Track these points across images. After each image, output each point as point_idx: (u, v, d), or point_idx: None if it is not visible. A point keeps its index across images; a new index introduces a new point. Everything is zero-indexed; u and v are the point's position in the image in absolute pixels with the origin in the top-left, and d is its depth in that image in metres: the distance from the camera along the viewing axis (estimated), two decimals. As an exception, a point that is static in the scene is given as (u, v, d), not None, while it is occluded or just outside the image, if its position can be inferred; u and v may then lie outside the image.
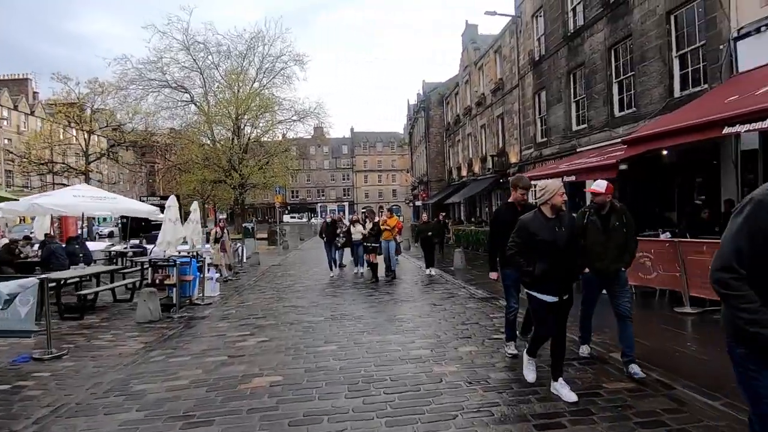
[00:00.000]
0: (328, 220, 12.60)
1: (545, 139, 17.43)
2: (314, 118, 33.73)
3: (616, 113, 13.16)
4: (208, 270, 10.06)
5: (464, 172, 28.89)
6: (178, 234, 10.35)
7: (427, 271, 11.70)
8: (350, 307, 7.69)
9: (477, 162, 26.14)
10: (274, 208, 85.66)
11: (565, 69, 15.65)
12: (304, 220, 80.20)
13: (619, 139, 12.61)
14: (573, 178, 10.81)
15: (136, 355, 5.38)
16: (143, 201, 21.89)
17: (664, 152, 10.82)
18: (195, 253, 10.12)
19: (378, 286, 9.79)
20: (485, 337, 5.50)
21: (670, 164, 11.14)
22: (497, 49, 22.51)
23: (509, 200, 4.86)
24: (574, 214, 4.29)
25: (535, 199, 4.04)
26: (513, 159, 20.41)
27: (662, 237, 8.01)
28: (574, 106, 15.52)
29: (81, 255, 9.55)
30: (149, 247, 14.54)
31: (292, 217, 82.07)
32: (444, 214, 20.30)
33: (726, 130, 6.22)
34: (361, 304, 7.94)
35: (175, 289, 7.95)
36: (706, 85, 9.95)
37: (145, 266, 9.83)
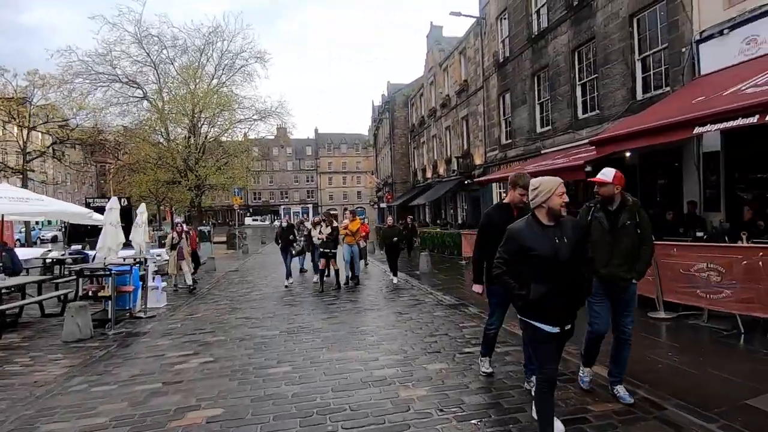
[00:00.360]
0: (284, 223, 11.61)
1: (510, 141, 17.38)
2: (276, 118, 32.61)
3: (580, 115, 13.17)
4: (153, 278, 9.16)
5: (429, 174, 28.72)
6: (120, 239, 9.39)
7: (394, 280, 10.75)
8: (309, 318, 7.07)
9: (442, 164, 25.99)
10: (235, 210, 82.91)
11: (529, 71, 15.62)
12: (267, 222, 78.22)
13: (584, 141, 12.65)
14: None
15: (54, 383, 4.57)
16: (89, 203, 20.30)
17: (627, 154, 10.84)
18: (138, 260, 9.19)
19: (340, 293, 9.21)
20: (456, 350, 5.04)
21: (632, 166, 11.17)
22: (462, 51, 22.43)
23: (504, 200, 4.09)
24: (576, 215, 3.68)
25: (527, 200, 3.44)
26: (478, 161, 20.32)
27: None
28: (538, 108, 15.51)
29: (1, 264, 8.42)
30: (91, 253, 13.33)
31: (254, 220, 79.89)
32: (411, 216, 19.71)
33: (697, 130, 6.07)
34: (321, 314, 7.33)
35: (110, 302, 7.07)
36: (668, 88, 10.00)
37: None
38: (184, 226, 12.59)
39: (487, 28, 19.25)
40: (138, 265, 9.21)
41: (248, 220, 78.78)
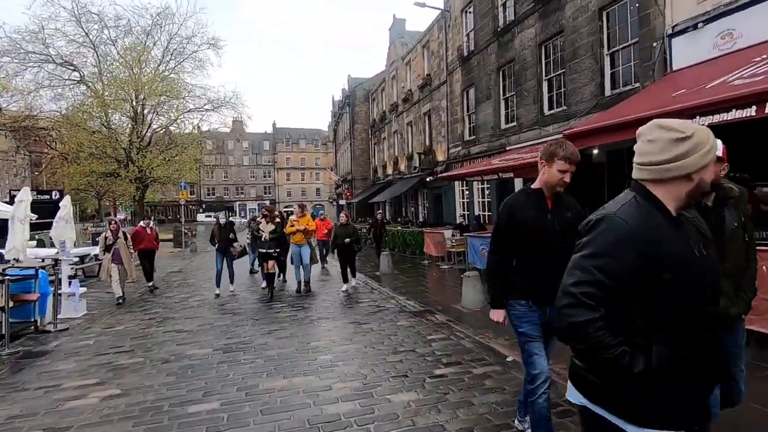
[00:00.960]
0: (222, 220, 9.40)
1: (474, 137, 16.89)
2: (230, 109, 30.78)
3: (546, 111, 12.79)
4: (69, 284, 7.80)
5: (390, 171, 28.01)
6: (27, 236, 7.97)
7: (343, 288, 9.04)
8: (252, 330, 6.06)
9: (403, 160, 25.33)
10: (184, 206, 79.28)
11: (494, 65, 15.15)
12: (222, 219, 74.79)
13: (551, 137, 12.27)
14: (510, 174, 10.07)
15: None
16: (14, 195, 18.05)
17: (595, 151, 10.52)
18: (49, 262, 7.79)
19: (292, 300, 8.22)
20: (425, 373, 4.23)
21: (598, 164, 10.86)
22: (425, 44, 21.80)
23: (533, 185, 2.86)
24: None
25: (566, 181, 2.60)
26: (440, 157, 19.76)
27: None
28: (503, 103, 15.07)
29: None
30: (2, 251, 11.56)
31: (207, 216, 76.18)
32: (380, 212, 18.37)
33: (698, 120, 5.57)
34: (267, 326, 6.33)
35: (3, 314, 5.75)
36: (638, 84, 9.68)
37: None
38: (132, 223, 11.04)
39: (451, 21, 18.69)
40: (53, 267, 7.84)
41: (201, 217, 75.12)
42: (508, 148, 14.07)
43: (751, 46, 7.36)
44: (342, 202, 42.07)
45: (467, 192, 17.79)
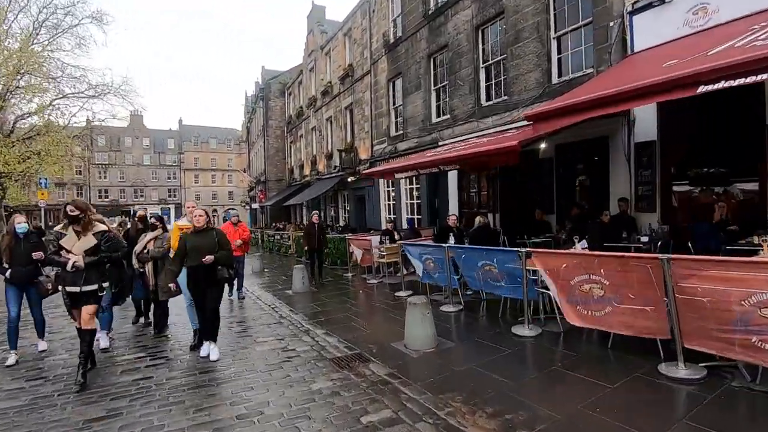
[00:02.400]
0: (20, 227, 4.94)
1: (401, 132, 15.19)
2: (120, 98, 26.25)
3: (484, 102, 11.41)
4: None
5: (307, 171, 25.55)
6: None
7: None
8: (69, 412, 3.51)
9: (322, 159, 23.05)
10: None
11: (425, 52, 13.57)
12: (115, 225, 66.27)
13: (491, 130, 10.87)
14: (453, 167, 8.39)
15: None
16: None
17: (543, 145, 9.19)
18: None
19: (151, 344, 5.62)
20: None
21: (548, 160, 9.61)
22: (347, 32, 19.81)
23: None
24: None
25: None
26: (363, 155, 17.84)
27: (579, 247, 5.83)
28: (434, 94, 13.53)
29: None
30: None
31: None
32: (317, 213, 15.44)
33: (703, 89, 4.12)
34: (90, 407, 3.79)
35: None
36: (590, 70, 8.52)
37: None
38: None
39: (376, 5, 16.91)
40: None
41: (90, 222, 66.04)
42: (440, 144, 12.52)
43: (729, 21, 6.34)
44: (255, 205, 38.52)
45: (393, 193, 16.04)
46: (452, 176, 12.56)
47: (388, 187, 16.44)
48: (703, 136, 6.99)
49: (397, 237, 10.30)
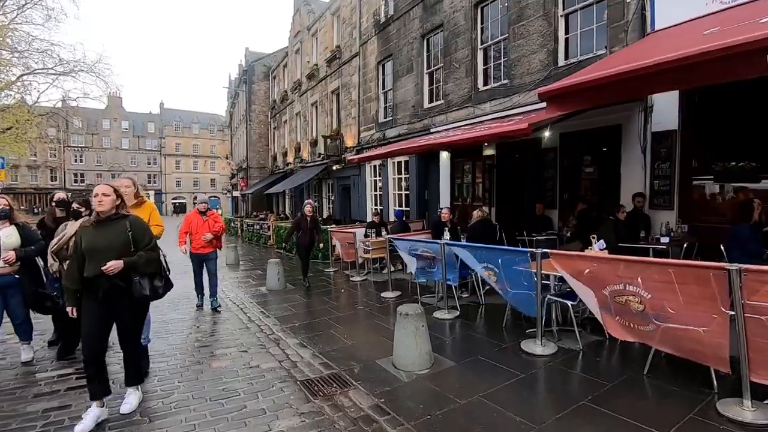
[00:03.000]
0: None
1: (390, 118, 14.24)
2: (94, 76, 24.58)
3: (482, 86, 10.52)
4: None
5: (291, 159, 24.41)
6: None
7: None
8: None
9: (306, 146, 21.96)
10: (44, 193, 66.61)
11: (418, 32, 12.60)
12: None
13: (488, 116, 10.02)
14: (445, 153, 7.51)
15: None
16: None
17: (547, 134, 8.38)
18: None
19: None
20: None
21: (551, 149, 8.80)
22: (336, 11, 18.68)
23: None
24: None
25: None
26: (350, 142, 16.85)
27: (597, 248, 5.02)
28: (427, 78, 12.59)
29: None
30: None
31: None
32: (311, 201, 13.90)
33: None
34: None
35: None
36: (602, 51, 7.70)
37: None
38: None
39: (366, -18, 15.82)
40: None
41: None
42: (433, 131, 11.62)
43: (770, -5, 5.55)
44: (236, 193, 37.20)
45: (380, 183, 15.12)
46: (444, 166, 11.70)
47: (374, 176, 15.51)
48: (732, 126, 6.23)
49: (384, 231, 9.41)
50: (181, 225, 6.62)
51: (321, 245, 9.28)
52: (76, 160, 68.34)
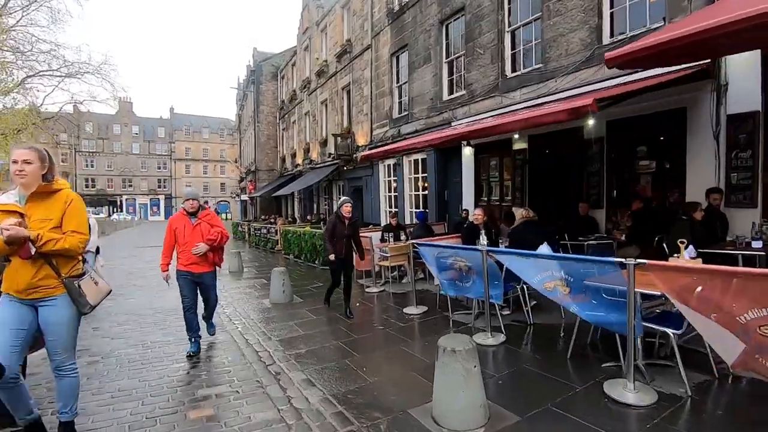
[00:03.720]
0: None
1: (405, 114, 13.20)
2: (100, 77, 23.94)
3: (509, 73, 9.44)
4: None
5: (300, 160, 23.49)
6: None
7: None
8: None
9: (315, 146, 21.01)
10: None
11: (436, 18, 11.56)
12: (102, 215, 64.27)
13: (520, 105, 8.93)
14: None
15: None
16: None
17: (590, 121, 7.29)
18: None
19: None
20: None
21: (597, 140, 7.67)
22: (345, 4, 17.74)
23: None
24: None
25: None
26: (361, 140, 15.83)
27: (687, 256, 3.88)
28: (446, 67, 11.53)
29: None
30: None
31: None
32: (349, 200, 12.26)
33: None
34: None
35: None
36: (659, 24, 6.58)
37: None
38: None
39: (379, -30, 14.85)
40: None
41: (76, 212, 63.52)
42: (454, 124, 10.56)
43: None
44: (244, 197, 36.44)
45: (395, 183, 14.06)
46: (467, 163, 10.61)
47: (389, 176, 14.47)
48: None
49: (402, 235, 8.34)
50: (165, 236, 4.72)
51: (362, 259, 6.55)
52: (87, 165, 68.44)
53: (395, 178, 13.96)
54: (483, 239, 5.03)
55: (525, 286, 4.89)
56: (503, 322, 4.86)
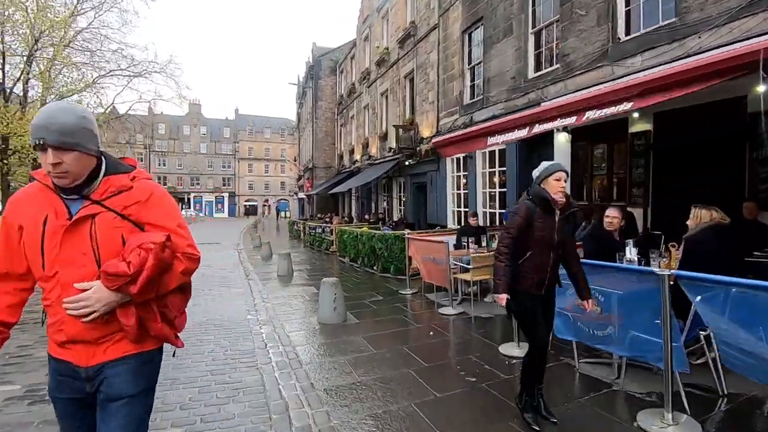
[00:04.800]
0: None
1: (479, 98, 11.37)
2: (165, 76, 24.17)
3: (623, 35, 7.37)
4: None
5: (358, 156, 22.24)
6: None
7: None
8: None
9: (375, 141, 19.62)
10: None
11: (520, -20, 9.66)
12: (172, 211, 67.30)
13: (635, 73, 6.88)
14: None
15: None
16: None
17: (636, 114, 5.14)
18: None
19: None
20: None
21: (753, 117, 5.48)
22: (409, -16, 16.17)
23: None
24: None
25: None
26: (426, 132, 14.17)
27: None
28: (533, 39, 9.59)
29: None
30: None
31: (155, 209, 68.41)
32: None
33: None
34: None
35: None
36: None
37: None
38: None
39: (449, -62, 13.11)
40: None
41: (147, 209, 67.31)
42: (544, 104, 8.61)
43: None
44: (301, 195, 36.03)
45: (465, 180, 12.26)
46: (561, 153, 8.62)
47: (457, 171, 12.68)
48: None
49: (484, 239, 6.59)
50: None
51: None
52: (159, 164, 72.08)
53: (465, 173, 12.16)
54: (631, 253, 3.21)
55: (712, 332, 3.01)
56: (680, 389, 3.00)
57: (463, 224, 8.07)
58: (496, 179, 10.98)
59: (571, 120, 5.36)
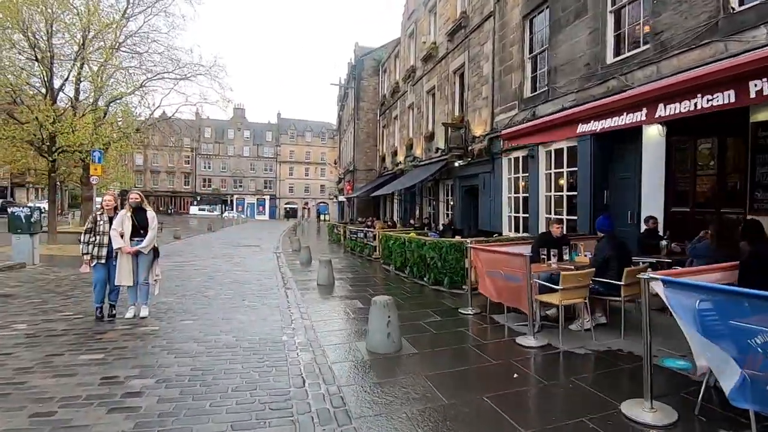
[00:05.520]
0: None
1: (542, 91, 10.12)
2: (210, 78, 24.17)
3: (736, 5, 6.01)
4: None
5: (401, 158, 21.27)
6: None
7: None
8: None
9: (420, 142, 18.58)
10: (178, 196, 73.25)
11: (597, -47, 8.38)
12: (216, 213, 69.16)
13: (753, 47, 5.50)
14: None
15: None
16: None
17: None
18: None
19: None
20: None
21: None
22: (459, -28, 15.08)
23: None
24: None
25: None
26: (478, 130, 13.00)
27: None
28: (611, 19, 8.29)
29: None
30: None
31: (201, 209, 70.53)
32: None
33: None
34: None
35: None
36: None
37: None
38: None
39: None
40: None
41: (193, 209, 69.27)
42: (630, 92, 7.29)
43: None
44: (341, 198, 35.45)
45: (524, 182, 10.99)
46: (652, 150, 7.28)
47: (515, 172, 11.43)
48: None
49: (567, 251, 5.41)
50: None
51: None
52: (205, 167, 74.00)
53: (525, 174, 10.89)
54: None
55: None
56: None
57: (541, 233, 6.88)
58: (563, 181, 9.66)
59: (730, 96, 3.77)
